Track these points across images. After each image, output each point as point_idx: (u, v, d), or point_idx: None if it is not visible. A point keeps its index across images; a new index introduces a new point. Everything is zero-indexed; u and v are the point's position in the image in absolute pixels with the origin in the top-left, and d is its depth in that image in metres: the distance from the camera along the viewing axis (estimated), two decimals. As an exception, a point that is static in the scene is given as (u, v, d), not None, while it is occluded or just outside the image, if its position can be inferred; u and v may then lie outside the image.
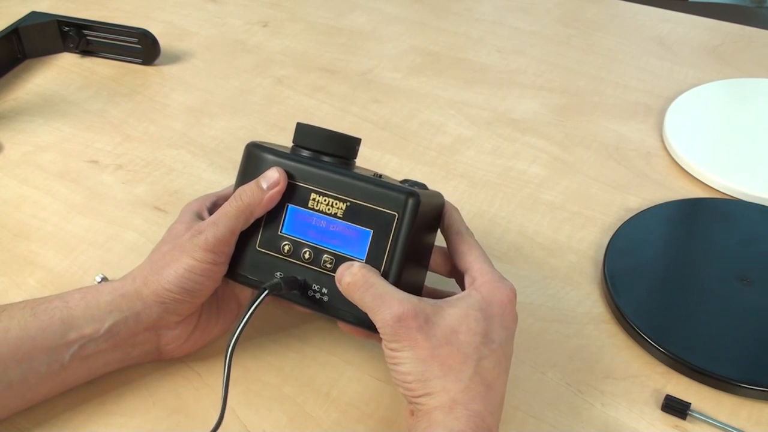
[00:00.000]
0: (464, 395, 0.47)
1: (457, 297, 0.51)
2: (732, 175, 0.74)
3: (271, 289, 0.51)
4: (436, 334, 0.48)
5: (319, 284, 0.52)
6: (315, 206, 0.52)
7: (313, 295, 0.52)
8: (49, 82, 0.90)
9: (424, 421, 0.47)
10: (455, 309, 0.49)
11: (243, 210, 0.52)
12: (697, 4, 2.30)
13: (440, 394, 0.47)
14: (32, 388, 0.52)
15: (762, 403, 0.56)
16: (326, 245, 0.52)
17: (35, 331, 0.51)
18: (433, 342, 0.47)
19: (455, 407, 0.46)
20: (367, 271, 0.49)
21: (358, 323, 0.52)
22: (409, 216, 0.50)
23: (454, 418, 0.46)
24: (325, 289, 0.52)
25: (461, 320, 0.49)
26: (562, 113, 0.85)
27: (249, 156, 0.55)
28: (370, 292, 0.49)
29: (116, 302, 0.53)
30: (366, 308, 0.49)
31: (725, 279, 0.63)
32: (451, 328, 0.48)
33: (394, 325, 0.47)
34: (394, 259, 0.51)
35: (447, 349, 0.48)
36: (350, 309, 0.51)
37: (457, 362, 0.47)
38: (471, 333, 0.49)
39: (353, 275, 0.49)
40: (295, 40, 0.99)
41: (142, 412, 0.55)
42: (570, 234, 0.70)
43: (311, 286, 0.52)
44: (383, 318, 0.48)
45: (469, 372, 0.47)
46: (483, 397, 0.47)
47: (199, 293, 0.53)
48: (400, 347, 0.47)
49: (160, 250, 0.54)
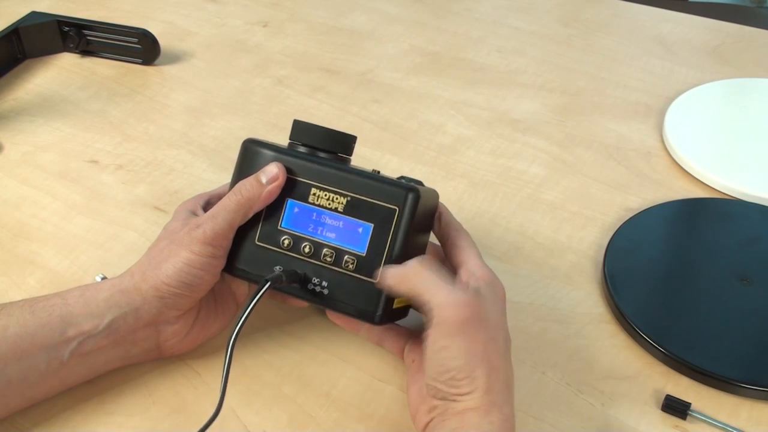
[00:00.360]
0: (500, 397, 0.46)
1: (482, 289, 0.49)
2: (732, 175, 0.74)
3: (273, 281, 0.51)
4: (486, 327, 0.46)
5: (319, 277, 0.53)
6: (315, 201, 0.53)
7: (313, 288, 0.53)
8: (49, 82, 0.91)
9: (454, 421, 0.45)
10: (488, 301, 0.48)
11: (242, 204, 0.53)
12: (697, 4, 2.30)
13: (482, 394, 0.45)
14: (32, 386, 0.52)
15: (762, 403, 0.56)
16: (326, 239, 0.52)
17: (34, 328, 0.51)
18: (486, 336, 0.46)
19: (492, 410, 0.45)
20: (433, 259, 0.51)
21: (359, 315, 0.52)
22: (409, 210, 0.51)
23: (489, 422, 0.45)
24: (325, 282, 0.52)
25: (494, 313, 0.48)
26: (562, 113, 0.85)
27: (246, 152, 0.55)
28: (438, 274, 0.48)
29: (115, 298, 0.53)
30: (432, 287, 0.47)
31: (725, 279, 0.63)
32: (492, 321, 0.47)
33: (464, 310, 0.45)
34: (394, 252, 0.51)
35: (494, 346, 0.46)
36: (351, 301, 0.52)
37: (498, 361, 0.46)
38: (502, 328, 0.48)
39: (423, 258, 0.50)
40: (295, 40, 0.99)
41: (142, 411, 0.55)
42: (570, 234, 0.70)
43: (311, 279, 0.53)
44: (452, 300, 0.46)
45: (504, 370, 0.47)
46: (509, 399, 0.47)
47: (198, 287, 0.53)
48: (459, 335, 0.45)
49: (158, 246, 0.54)
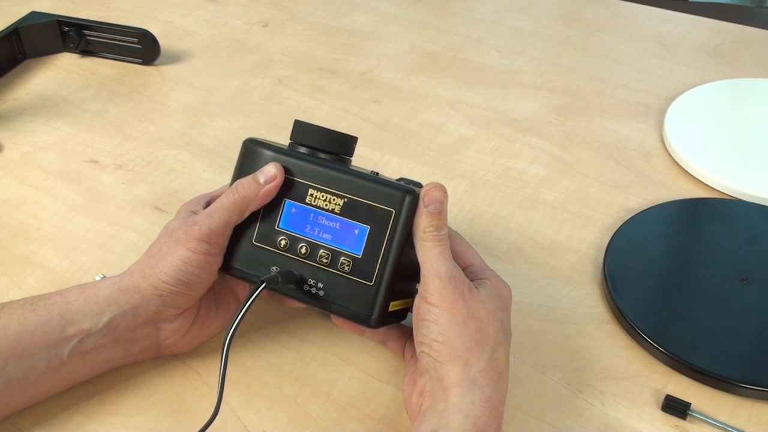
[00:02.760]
0: (482, 377, 0.48)
1: (482, 284, 0.52)
2: (732, 175, 0.74)
3: (269, 282, 0.51)
4: (472, 305, 0.49)
5: (315, 279, 0.53)
6: (312, 202, 0.53)
7: (308, 289, 0.53)
8: (49, 82, 0.91)
9: (441, 402, 0.47)
10: (485, 290, 0.51)
11: (238, 203, 0.53)
12: (697, 4, 2.31)
13: (463, 367, 0.48)
14: (32, 384, 0.52)
15: (762, 403, 0.56)
16: (323, 240, 0.52)
17: (34, 326, 0.51)
18: (469, 311, 0.49)
19: (473, 388, 0.47)
20: (456, 232, 0.55)
21: (354, 318, 0.52)
22: (406, 213, 0.51)
23: (470, 402, 0.47)
24: (321, 284, 0.52)
25: (488, 302, 0.50)
26: (562, 113, 0.85)
27: (246, 151, 0.56)
28: (440, 247, 0.50)
29: (114, 296, 0.53)
30: (428, 255, 0.50)
31: (725, 279, 0.63)
32: (484, 307, 0.50)
33: (445, 279, 0.49)
34: (390, 255, 0.51)
35: (477, 323, 0.49)
36: (347, 304, 0.52)
37: (481, 340, 0.49)
38: (493, 317, 0.50)
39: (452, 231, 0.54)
40: (295, 40, 0.99)
41: (142, 411, 0.55)
42: (570, 234, 0.70)
43: (307, 281, 0.53)
44: (437, 269, 0.49)
45: (488, 353, 0.49)
46: (496, 383, 0.49)
47: (196, 285, 0.53)
48: (441, 302, 0.49)
49: (157, 245, 0.55)
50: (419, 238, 0.51)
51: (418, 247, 0.51)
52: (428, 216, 0.50)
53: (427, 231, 0.50)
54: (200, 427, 0.48)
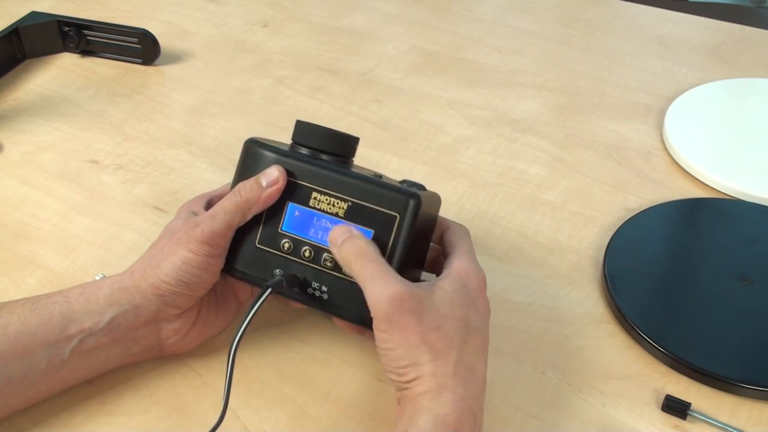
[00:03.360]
0: (451, 380, 0.47)
1: (440, 279, 0.51)
2: (732, 175, 0.74)
3: (274, 287, 0.51)
4: (427, 318, 0.48)
5: (318, 282, 0.52)
6: (316, 205, 0.53)
7: (312, 292, 0.53)
8: (49, 82, 0.91)
9: (410, 408, 0.47)
10: (443, 292, 0.50)
11: (241, 206, 0.53)
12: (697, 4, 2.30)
13: (429, 379, 0.47)
14: (33, 384, 0.52)
15: (762, 403, 0.56)
16: (326, 244, 0.52)
17: (35, 325, 0.51)
18: (424, 326, 0.48)
19: (442, 392, 0.47)
20: (367, 244, 0.50)
21: (357, 321, 0.52)
22: (410, 217, 0.51)
23: (440, 402, 0.46)
24: (325, 287, 0.52)
25: (448, 304, 0.49)
26: (562, 113, 0.85)
27: (248, 152, 0.55)
28: (370, 266, 0.49)
29: (115, 296, 0.53)
30: (361, 280, 0.49)
31: (725, 279, 0.63)
32: (440, 311, 0.49)
33: (389, 304, 0.47)
34: (394, 259, 0.51)
35: (436, 333, 0.48)
36: (350, 307, 0.51)
37: (445, 347, 0.48)
38: (455, 318, 0.49)
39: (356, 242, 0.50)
40: (295, 40, 0.99)
41: (142, 411, 0.55)
42: (570, 234, 0.70)
43: (311, 284, 0.53)
44: (377, 294, 0.48)
45: (454, 356, 0.48)
46: (467, 382, 0.48)
47: (197, 286, 0.53)
48: (391, 329, 0.47)
49: (158, 245, 0.54)
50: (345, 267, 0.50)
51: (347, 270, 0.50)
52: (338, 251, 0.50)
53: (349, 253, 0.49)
54: (199, 427, 0.48)
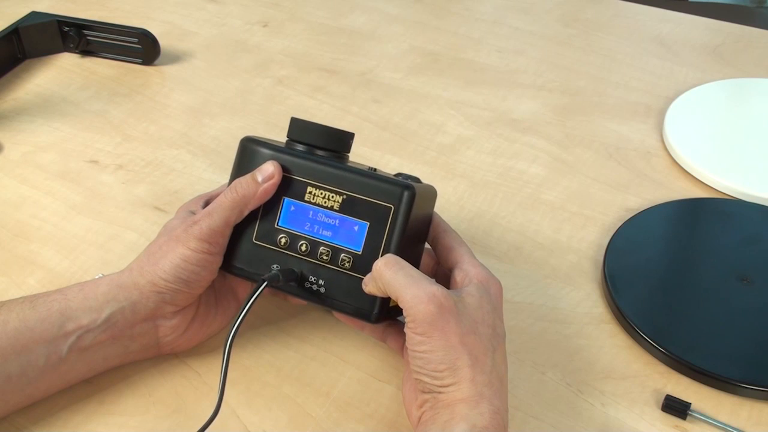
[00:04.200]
0: (488, 389, 0.46)
1: (468, 288, 0.51)
2: (732, 175, 0.74)
3: (270, 280, 0.51)
4: (464, 321, 0.47)
5: (315, 276, 0.53)
6: (311, 199, 0.53)
7: (310, 286, 0.53)
8: (49, 82, 0.91)
9: (445, 413, 0.46)
10: (473, 298, 0.49)
11: (237, 202, 0.53)
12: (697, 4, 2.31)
13: (468, 385, 0.46)
14: (31, 381, 0.52)
15: (762, 403, 0.56)
16: (323, 237, 0.53)
17: (34, 323, 0.51)
18: (462, 329, 0.47)
19: (482, 401, 0.46)
20: (395, 256, 0.50)
21: (356, 314, 0.52)
22: (404, 208, 0.51)
23: (479, 413, 0.45)
24: (322, 280, 0.53)
25: (478, 310, 0.49)
26: (562, 113, 0.85)
27: (244, 150, 0.56)
28: (403, 272, 0.48)
29: (113, 293, 0.53)
30: (397, 288, 0.48)
31: (725, 279, 0.63)
32: (473, 316, 0.48)
33: (429, 303, 0.46)
34: (390, 251, 0.51)
35: (473, 338, 0.47)
36: (348, 300, 0.52)
37: (481, 353, 0.47)
38: (486, 324, 0.49)
39: (386, 257, 0.50)
40: (295, 40, 0.99)
41: (142, 411, 0.55)
42: (570, 234, 0.70)
43: (308, 278, 0.53)
44: (416, 296, 0.47)
45: (489, 364, 0.47)
46: (500, 393, 0.47)
47: (195, 283, 0.54)
48: (430, 331, 0.46)
49: (156, 243, 0.55)
50: (378, 282, 0.49)
51: (381, 285, 0.49)
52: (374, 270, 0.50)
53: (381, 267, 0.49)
54: (200, 426, 0.49)
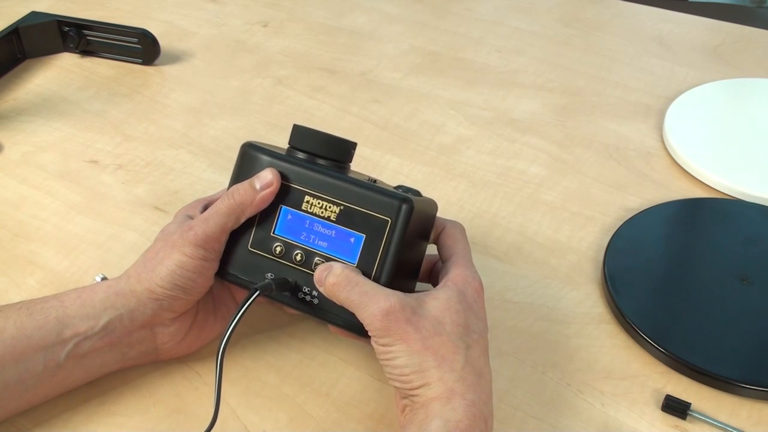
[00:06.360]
0: (460, 385, 0.47)
1: (436, 289, 0.51)
2: (732, 175, 0.74)
3: (262, 289, 0.51)
4: (425, 326, 0.48)
5: (309, 287, 0.52)
6: (308, 209, 0.52)
7: (303, 297, 0.53)
8: (49, 82, 0.91)
9: (421, 413, 0.47)
10: (437, 301, 0.50)
11: (234, 208, 0.53)
12: (697, 4, 2.31)
13: (437, 384, 0.47)
14: (29, 389, 0.52)
15: (762, 403, 0.56)
16: (318, 248, 0.52)
17: (31, 330, 0.51)
18: (423, 333, 0.48)
19: (453, 397, 0.47)
20: (349, 271, 0.50)
21: (348, 327, 0.51)
22: (401, 222, 0.50)
23: (452, 408, 0.46)
24: (316, 291, 0.52)
25: (444, 312, 0.49)
26: (562, 113, 0.85)
27: (244, 156, 0.55)
28: (356, 290, 0.49)
29: (111, 300, 0.53)
30: (352, 307, 0.49)
31: (725, 279, 0.63)
32: (437, 319, 0.49)
33: (383, 319, 0.48)
34: (385, 264, 0.50)
35: (437, 339, 0.48)
36: (340, 312, 0.51)
37: (449, 352, 0.48)
38: (455, 324, 0.49)
39: (336, 276, 0.50)
40: (295, 40, 0.99)
41: (142, 411, 0.55)
42: (570, 234, 0.70)
43: (302, 288, 0.52)
44: (371, 314, 0.48)
45: (461, 361, 0.48)
46: (476, 386, 0.48)
47: (192, 290, 0.53)
48: (391, 341, 0.48)
49: (153, 249, 0.54)
50: (336, 301, 0.50)
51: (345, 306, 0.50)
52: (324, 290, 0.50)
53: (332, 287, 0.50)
54: (200, 427, 0.49)
